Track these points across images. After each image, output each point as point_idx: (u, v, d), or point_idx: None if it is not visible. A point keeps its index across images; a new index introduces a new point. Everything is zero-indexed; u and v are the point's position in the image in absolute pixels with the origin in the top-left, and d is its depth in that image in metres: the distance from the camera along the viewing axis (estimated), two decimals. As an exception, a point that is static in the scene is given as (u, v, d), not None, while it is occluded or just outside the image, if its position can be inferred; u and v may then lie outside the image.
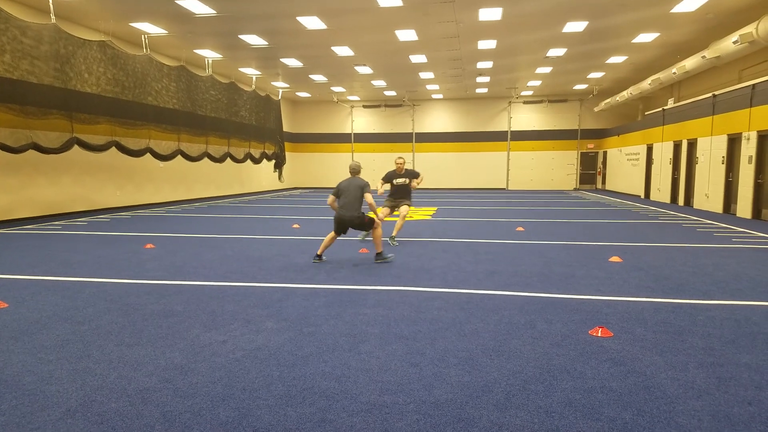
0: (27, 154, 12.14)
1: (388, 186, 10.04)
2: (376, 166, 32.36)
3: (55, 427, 2.91)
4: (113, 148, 14.35)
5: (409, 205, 10.03)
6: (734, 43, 13.74)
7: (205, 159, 19.20)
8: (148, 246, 9.29)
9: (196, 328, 4.69)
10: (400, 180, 10.03)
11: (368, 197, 7.86)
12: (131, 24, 14.71)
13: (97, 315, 5.09)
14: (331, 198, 8.08)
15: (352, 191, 7.87)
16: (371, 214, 8.09)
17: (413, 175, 10.20)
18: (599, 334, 4.50)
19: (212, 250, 9.02)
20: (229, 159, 20.79)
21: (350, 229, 8.00)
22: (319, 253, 8.00)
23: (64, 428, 2.90)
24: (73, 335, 4.48)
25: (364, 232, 9.75)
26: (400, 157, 10.15)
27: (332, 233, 8.01)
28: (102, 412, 3.09)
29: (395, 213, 10.27)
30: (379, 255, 7.98)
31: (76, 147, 13.06)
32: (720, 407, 3.17)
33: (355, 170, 8.12)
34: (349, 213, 7.80)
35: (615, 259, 8.05)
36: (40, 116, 11.82)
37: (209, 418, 3.04)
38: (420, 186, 10.60)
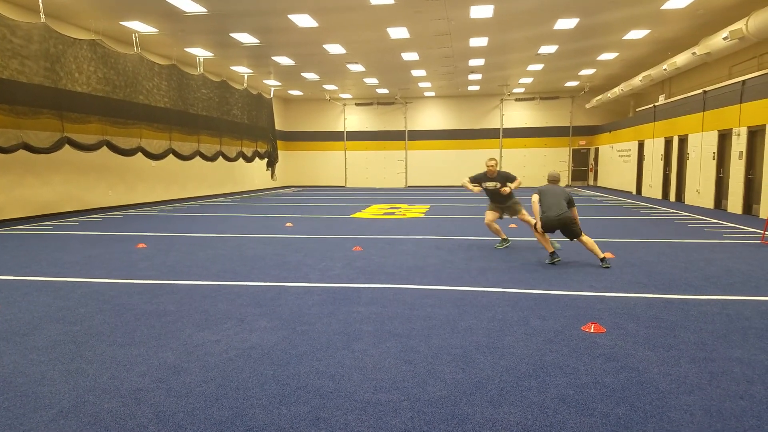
0: (17, 154, 12.04)
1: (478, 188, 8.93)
2: (368, 164, 32.43)
3: (47, 428, 2.89)
4: (104, 147, 14.26)
5: (520, 205, 8.90)
6: (724, 39, 13.82)
7: (197, 158, 19.12)
8: (141, 246, 9.24)
9: (189, 328, 4.67)
10: (491, 184, 8.78)
11: (526, 217, 8.32)
12: (121, 22, 14.61)
13: (90, 315, 5.06)
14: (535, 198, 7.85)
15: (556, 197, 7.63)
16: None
17: (508, 178, 8.78)
18: (592, 330, 4.52)
19: (205, 249, 8.99)
20: (221, 158, 20.71)
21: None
22: (549, 249, 7.67)
23: (57, 429, 2.88)
24: (65, 336, 4.45)
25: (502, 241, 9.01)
26: (492, 159, 8.85)
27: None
28: (95, 413, 3.07)
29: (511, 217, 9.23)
30: (603, 260, 7.34)
31: (67, 146, 12.97)
32: (712, 402, 3.19)
33: (554, 179, 7.97)
34: (560, 214, 7.47)
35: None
36: (30, 116, 11.73)
37: (203, 417, 3.03)
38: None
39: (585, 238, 7.49)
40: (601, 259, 7.32)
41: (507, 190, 8.62)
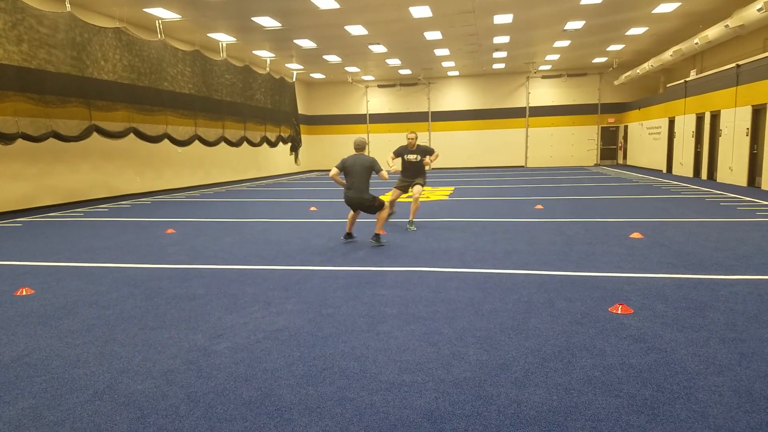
0: (46, 143, 12.31)
1: (398, 162, 9.38)
2: (392, 146, 32.28)
3: (83, 409, 2.99)
4: (131, 134, 14.49)
5: (422, 185, 9.34)
6: (759, 10, 13.29)
7: (222, 144, 19.30)
8: (169, 231, 9.42)
9: (218, 311, 4.76)
10: (412, 156, 9.33)
11: (383, 175, 7.70)
12: (145, 9, 14.72)
13: (121, 299, 5.20)
14: (334, 171, 7.75)
15: (358, 170, 7.62)
16: (384, 197, 8.03)
17: (427, 151, 9.38)
18: (619, 312, 4.47)
19: (232, 234, 9.12)
20: (245, 143, 20.87)
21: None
22: (347, 230, 8.09)
23: (93, 410, 2.99)
24: (99, 319, 4.59)
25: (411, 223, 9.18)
26: (411, 132, 9.55)
27: (351, 212, 8.09)
28: (128, 394, 3.17)
29: (409, 194, 9.62)
30: (376, 237, 7.76)
31: (94, 134, 13.21)
32: (741, 382, 3.14)
33: (359, 146, 7.81)
34: (358, 194, 7.65)
35: (636, 235, 7.95)
36: (58, 105, 11.96)
37: (232, 398, 3.10)
38: (434, 165, 10.34)
39: (383, 213, 7.79)
40: (375, 235, 7.71)
41: (428, 161, 9.23)
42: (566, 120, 30.36)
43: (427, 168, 9.42)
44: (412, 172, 9.41)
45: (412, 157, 9.34)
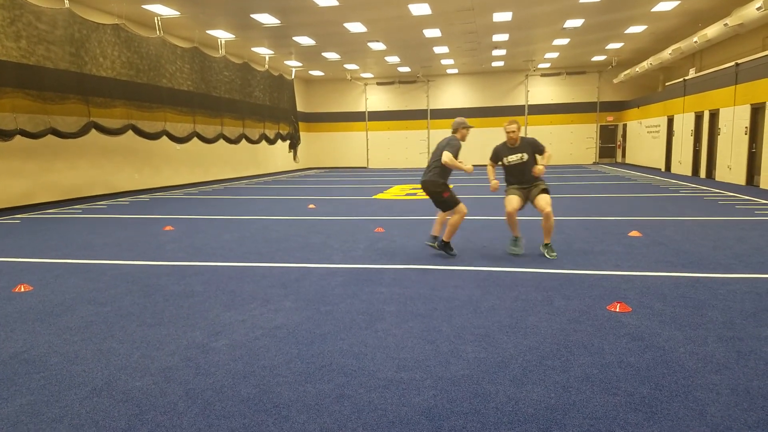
0: (44, 139, 12.29)
1: (491, 170, 6.85)
2: (391, 144, 32.29)
3: (81, 406, 2.99)
4: (130, 131, 14.47)
5: (547, 191, 6.54)
6: (758, 9, 13.29)
7: (221, 141, 19.28)
8: (168, 228, 9.41)
9: (216, 308, 4.76)
10: (514, 157, 6.57)
11: (445, 156, 6.16)
12: (143, 6, 14.68)
13: (119, 296, 5.19)
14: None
15: (435, 151, 6.50)
16: (506, 203, 6.41)
17: (535, 147, 6.55)
18: (617, 310, 4.47)
19: (230, 231, 9.12)
20: (244, 140, 20.84)
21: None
22: (433, 233, 6.67)
23: (91, 406, 2.98)
24: (97, 316, 4.58)
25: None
26: (512, 121, 6.53)
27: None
28: (126, 391, 3.17)
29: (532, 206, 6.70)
30: (446, 244, 6.44)
31: (93, 131, 13.19)
32: (739, 381, 3.15)
33: (454, 126, 6.51)
34: (425, 176, 6.52)
35: (634, 233, 7.96)
36: (57, 101, 11.94)
37: (231, 395, 3.10)
38: (550, 163, 6.87)
39: (453, 218, 6.28)
40: (444, 241, 6.39)
41: (541, 162, 6.49)
42: (565, 118, 30.36)
43: (536, 174, 6.50)
44: (527, 175, 6.59)
45: (514, 158, 6.58)
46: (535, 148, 6.59)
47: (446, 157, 6.20)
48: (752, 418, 2.73)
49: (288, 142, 25.71)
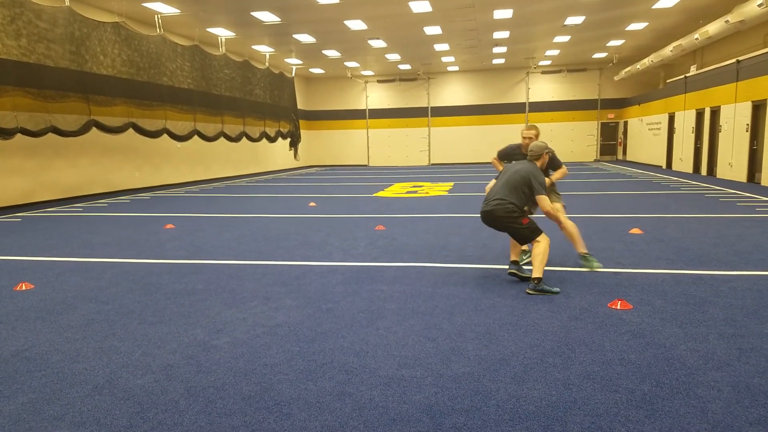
0: (45, 137, 12.29)
1: (498, 163, 6.67)
2: (392, 142, 32.26)
3: (83, 404, 3.00)
4: (130, 129, 14.46)
5: (559, 197, 6.16)
6: (759, 6, 13.26)
7: (221, 139, 19.27)
8: (168, 226, 9.41)
9: (217, 306, 4.76)
10: None
11: (543, 202, 5.03)
12: (144, 4, 14.66)
13: (120, 294, 5.20)
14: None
15: (507, 178, 5.25)
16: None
17: (551, 164, 5.81)
18: (618, 307, 4.47)
19: (230, 229, 9.12)
20: (244, 138, 20.83)
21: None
22: (512, 258, 5.53)
23: (92, 404, 2.99)
24: (98, 314, 4.59)
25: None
26: (531, 126, 6.07)
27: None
28: (128, 388, 3.17)
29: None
30: (537, 282, 4.90)
31: (93, 129, 13.19)
32: (740, 378, 3.15)
33: (536, 151, 5.33)
34: (489, 206, 5.27)
35: (635, 231, 7.95)
36: (57, 99, 11.94)
37: (232, 392, 3.10)
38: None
39: (541, 247, 4.97)
40: (536, 278, 4.92)
41: (556, 177, 5.94)
42: (566, 115, 30.31)
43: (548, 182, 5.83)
44: None
45: None
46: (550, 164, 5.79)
47: (544, 203, 5.04)
48: (753, 416, 2.73)
49: (288, 140, 25.69)
